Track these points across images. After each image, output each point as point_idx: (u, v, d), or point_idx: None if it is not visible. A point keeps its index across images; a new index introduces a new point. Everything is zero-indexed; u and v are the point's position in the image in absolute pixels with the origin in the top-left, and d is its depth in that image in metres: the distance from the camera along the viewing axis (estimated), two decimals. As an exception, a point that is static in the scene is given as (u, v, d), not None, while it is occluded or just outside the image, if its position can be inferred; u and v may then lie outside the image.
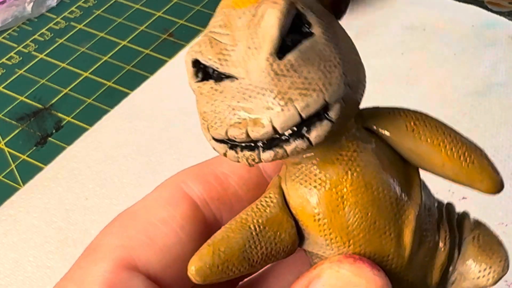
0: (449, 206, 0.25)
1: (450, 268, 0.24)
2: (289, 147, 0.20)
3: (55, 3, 0.73)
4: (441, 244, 0.23)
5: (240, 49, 0.20)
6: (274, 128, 0.20)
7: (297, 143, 0.20)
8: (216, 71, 0.20)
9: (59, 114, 0.62)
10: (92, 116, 0.61)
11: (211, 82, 0.21)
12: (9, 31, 0.71)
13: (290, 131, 0.20)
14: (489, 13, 0.66)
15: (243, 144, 0.20)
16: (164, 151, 0.57)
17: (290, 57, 0.20)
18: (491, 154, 0.23)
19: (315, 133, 0.20)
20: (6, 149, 0.60)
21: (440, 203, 0.24)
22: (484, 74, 0.59)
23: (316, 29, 0.20)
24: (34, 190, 0.55)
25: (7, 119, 0.62)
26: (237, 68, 0.20)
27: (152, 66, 0.65)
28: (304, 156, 0.22)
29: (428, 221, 0.23)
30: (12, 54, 0.68)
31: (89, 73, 0.66)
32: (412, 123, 0.23)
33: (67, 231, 0.53)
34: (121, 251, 0.23)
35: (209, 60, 0.20)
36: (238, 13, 0.21)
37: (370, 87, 0.67)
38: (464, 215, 0.25)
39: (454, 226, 0.24)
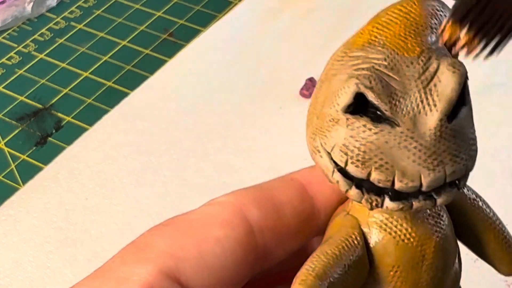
0: None
1: None
2: (416, 204, 0.21)
3: (55, 3, 0.73)
4: None
5: (411, 100, 0.20)
6: (421, 185, 0.20)
7: (425, 203, 0.21)
8: (380, 112, 0.20)
9: (59, 114, 0.62)
10: (92, 116, 0.61)
11: (366, 119, 0.20)
12: (9, 31, 0.71)
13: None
14: (489, 13, 0.66)
15: (369, 187, 0.21)
16: (164, 151, 0.57)
17: (455, 122, 0.20)
18: (491, 154, 0.23)
19: (444, 198, 0.21)
20: (6, 149, 0.60)
21: None
22: (484, 74, 0.59)
23: (468, 99, 0.21)
24: (34, 190, 0.55)
25: (7, 119, 0.62)
26: (405, 117, 0.20)
27: (152, 66, 0.65)
28: None
29: None
30: (12, 54, 0.68)
31: (89, 73, 0.66)
32: (472, 199, 0.24)
33: (67, 231, 0.53)
34: (169, 259, 0.22)
35: (379, 100, 0.20)
36: (405, 60, 0.21)
37: (370, 87, 0.65)
38: None
39: None
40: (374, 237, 0.23)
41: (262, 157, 0.56)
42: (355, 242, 0.22)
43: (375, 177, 0.20)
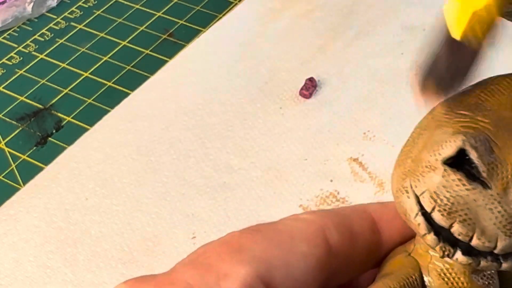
0: None
1: None
2: (483, 263, 0.22)
3: (55, 3, 0.73)
4: None
5: (507, 168, 0.22)
6: (495, 247, 0.22)
7: (491, 264, 0.22)
8: (476, 171, 0.22)
9: (59, 114, 0.62)
10: (92, 116, 0.61)
11: (462, 175, 0.22)
12: (9, 31, 0.71)
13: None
14: (489, 13, 0.66)
15: (446, 236, 0.22)
16: (164, 151, 0.57)
17: None
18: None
19: (509, 264, 0.22)
20: (6, 149, 0.60)
21: None
22: (484, 74, 0.59)
23: None
24: (34, 190, 0.55)
25: (7, 119, 0.62)
26: (498, 182, 0.21)
27: (152, 66, 0.65)
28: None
29: None
30: (12, 54, 0.68)
31: (89, 73, 0.66)
32: None
33: (67, 231, 0.53)
34: (263, 264, 0.23)
35: (480, 161, 0.21)
36: (508, 130, 0.22)
37: (370, 87, 0.68)
38: None
39: None
40: (432, 283, 0.24)
41: (262, 157, 0.56)
42: (415, 282, 0.24)
43: (457, 229, 0.22)
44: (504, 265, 0.22)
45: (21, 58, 0.68)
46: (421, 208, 0.22)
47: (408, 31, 0.65)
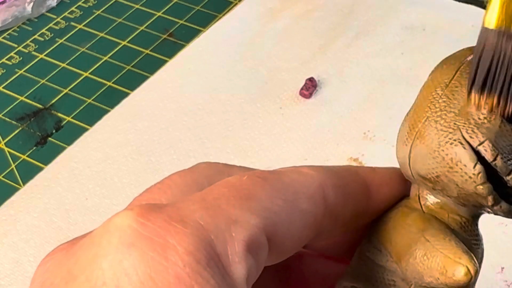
0: None
1: None
2: None
3: (55, 3, 0.73)
4: None
5: None
6: None
7: None
8: None
9: (59, 114, 0.62)
10: (92, 116, 0.61)
11: (501, 118, 0.23)
12: (9, 31, 0.71)
13: None
14: (489, 13, 0.66)
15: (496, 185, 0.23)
16: (164, 151, 0.57)
17: None
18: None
19: None
20: (6, 149, 0.60)
21: None
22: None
23: None
24: (34, 190, 0.55)
25: (7, 119, 0.62)
26: None
27: (152, 66, 0.65)
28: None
29: None
30: (12, 54, 0.68)
31: (89, 73, 0.66)
32: None
33: (67, 231, 0.53)
34: (270, 218, 0.23)
35: None
36: None
37: (370, 87, 0.68)
38: None
39: None
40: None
41: (262, 157, 0.56)
42: (469, 227, 0.25)
43: None
44: None
45: (21, 58, 0.68)
46: (479, 157, 0.23)
47: (408, 31, 0.65)
